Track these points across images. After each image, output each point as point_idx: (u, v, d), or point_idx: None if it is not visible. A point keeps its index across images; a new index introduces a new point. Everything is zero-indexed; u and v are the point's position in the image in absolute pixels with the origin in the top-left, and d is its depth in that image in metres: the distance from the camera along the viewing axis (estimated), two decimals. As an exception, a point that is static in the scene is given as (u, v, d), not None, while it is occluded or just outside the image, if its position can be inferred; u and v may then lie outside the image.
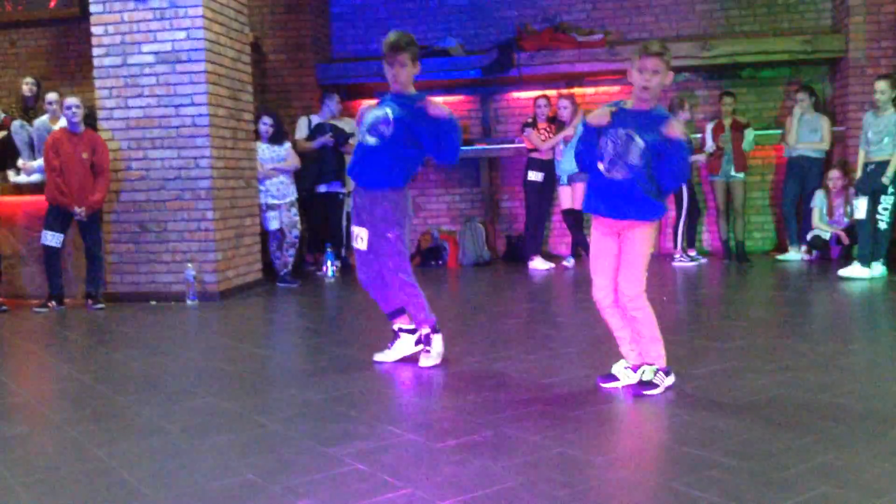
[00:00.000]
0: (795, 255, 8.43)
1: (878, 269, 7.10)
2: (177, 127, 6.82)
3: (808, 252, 8.40)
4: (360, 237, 4.27)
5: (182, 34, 6.76)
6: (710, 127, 8.55)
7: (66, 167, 6.50)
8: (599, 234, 3.75)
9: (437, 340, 4.34)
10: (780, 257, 8.56)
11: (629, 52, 8.85)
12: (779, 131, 8.85)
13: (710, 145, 8.46)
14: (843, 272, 7.12)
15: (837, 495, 2.50)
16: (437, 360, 4.31)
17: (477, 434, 3.16)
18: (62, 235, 6.65)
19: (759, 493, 2.54)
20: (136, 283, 6.97)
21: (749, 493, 2.55)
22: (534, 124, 8.55)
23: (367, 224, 4.27)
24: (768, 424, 3.19)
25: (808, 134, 8.28)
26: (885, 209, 7.17)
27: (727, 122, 8.45)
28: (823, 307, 6.25)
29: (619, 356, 3.86)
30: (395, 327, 4.49)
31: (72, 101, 6.61)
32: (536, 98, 8.69)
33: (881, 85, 7.19)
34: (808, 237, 8.37)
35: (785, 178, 8.62)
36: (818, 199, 8.22)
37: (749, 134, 8.44)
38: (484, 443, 3.07)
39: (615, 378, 3.79)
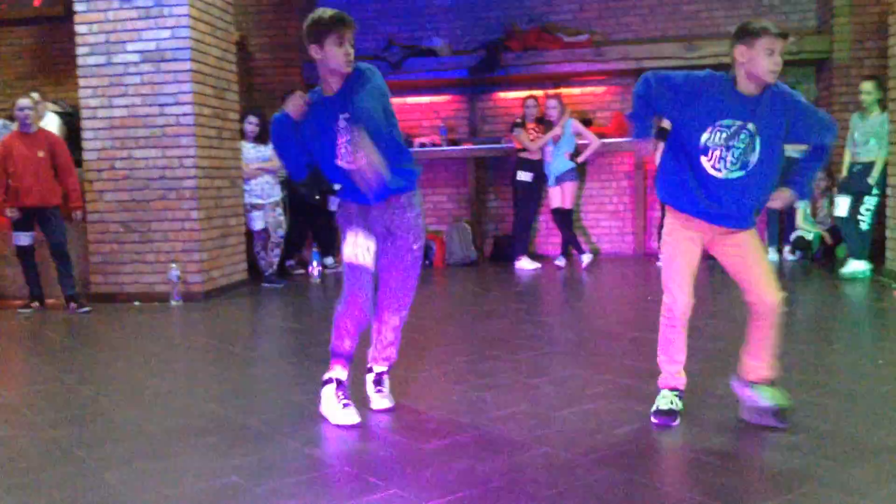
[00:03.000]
0: (773, 255, 8.46)
1: (861, 266, 7.14)
2: (161, 126, 6.78)
3: (792, 252, 8.43)
4: (369, 248, 3.32)
5: (167, 33, 6.72)
6: None
7: (24, 168, 6.43)
8: (689, 239, 3.22)
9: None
10: None
11: (615, 52, 8.96)
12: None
13: None
14: (844, 272, 7.14)
15: (820, 495, 2.51)
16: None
17: (462, 434, 3.16)
18: (32, 233, 6.61)
19: (743, 492, 2.55)
20: (119, 283, 6.92)
21: (732, 491, 2.56)
22: (523, 124, 8.55)
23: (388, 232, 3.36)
24: (751, 423, 3.19)
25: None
26: (868, 210, 7.21)
27: None
28: (806, 307, 6.28)
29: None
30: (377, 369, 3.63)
31: (23, 102, 6.55)
32: (525, 98, 8.70)
33: (867, 86, 7.23)
34: (791, 237, 8.40)
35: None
36: (800, 200, 8.26)
37: None
38: (469, 443, 3.06)
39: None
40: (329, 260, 8.64)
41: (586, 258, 8.36)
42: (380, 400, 3.56)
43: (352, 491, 2.64)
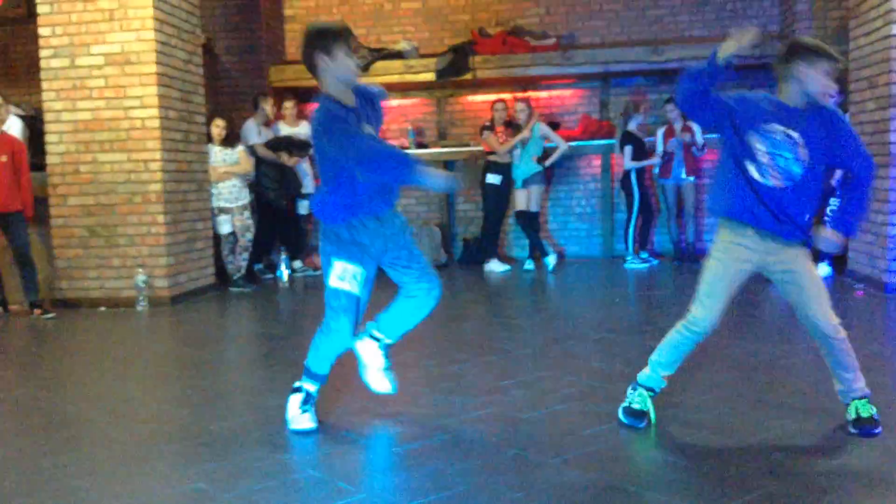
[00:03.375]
0: None
1: (823, 269, 7.26)
2: (127, 129, 6.71)
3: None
4: (356, 276, 3.27)
5: (132, 35, 6.65)
6: (660, 132, 8.65)
7: None
8: (740, 262, 3.16)
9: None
10: None
11: (582, 56, 9.02)
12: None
13: (660, 150, 8.56)
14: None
15: (786, 493, 2.55)
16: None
17: (432, 438, 3.16)
18: None
19: (711, 492, 2.58)
20: (84, 288, 6.84)
21: (700, 492, 2.59)
22: (492, 128, 8.58)
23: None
24: (718, 423, 3.24)
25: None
26: (833, 210, 7.32)
27: (678, 126, 8.56)
28: (771, 308, 6.36)
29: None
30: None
31: None
32: (494, 102, 8.73)
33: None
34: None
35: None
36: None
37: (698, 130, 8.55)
38: (439, 446, 3.07)
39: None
40: (298, 263, 8.60)
41: (552, 260, 8.40)
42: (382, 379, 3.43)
43: (322, 496, 2.64)
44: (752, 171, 3.05)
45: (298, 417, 3.32)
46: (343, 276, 3.23)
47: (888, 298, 6.09)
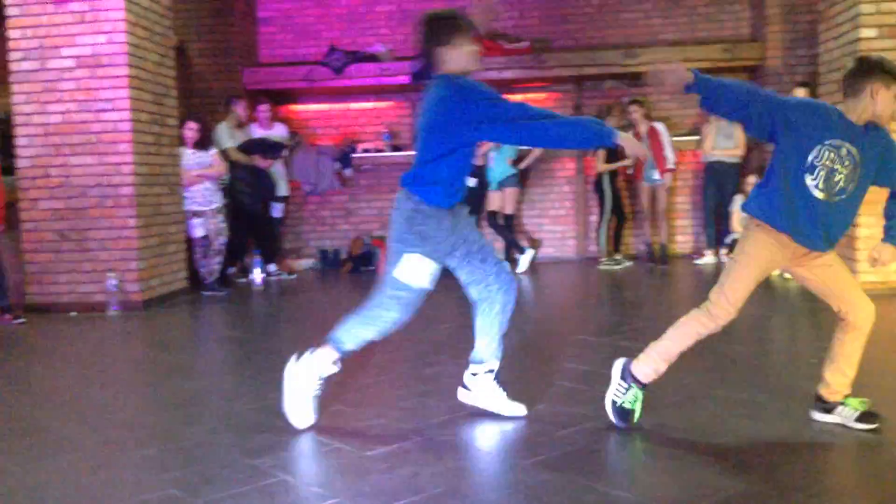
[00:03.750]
0: (711, 258, 8.64)
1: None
2: (98, 133, 6.65)
3: (728, 254, 8.61)
4: (432, 272, 3.31)
5: (103, 38, 6.59)
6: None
7: None
8: (771, 261, 3.17)
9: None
10: (697, 261, 8.75)
11: (555, 59, 9.06)
12: (697, 137, 9.06)
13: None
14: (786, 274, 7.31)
15: (757, 492, 2.57)
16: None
17: (405, 441, 3.16)
18: None
19: (682, 492, 2.60)
20: (55, 293, 6.75)
21: (671, 492, 2.61)
22: (467, 130, 8.58)
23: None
24: (690, 423, 3.26)
25: (723, 140, 8.51)
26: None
27: (643, 128, 8.60)
28: (742, 308, 6.41)
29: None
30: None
31: None
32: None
33: (800, 92, 7.43)
34: (728, 240, 8.59)
35: (704, 184, 8.86)
36: (736, 204, 8.45)
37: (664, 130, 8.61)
38: (412, 449, 3.07)
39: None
40: (272, 267, 8.56)
41: (525, 259, 8.41)
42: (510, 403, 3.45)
43: (294, 501, 2.62)
44: (808, 181, 3.02)
45: (305, 400, 3.27)
46: (414, 269, 3.21)
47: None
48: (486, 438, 3.17)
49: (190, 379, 4.51)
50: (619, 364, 3.30)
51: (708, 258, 8.66)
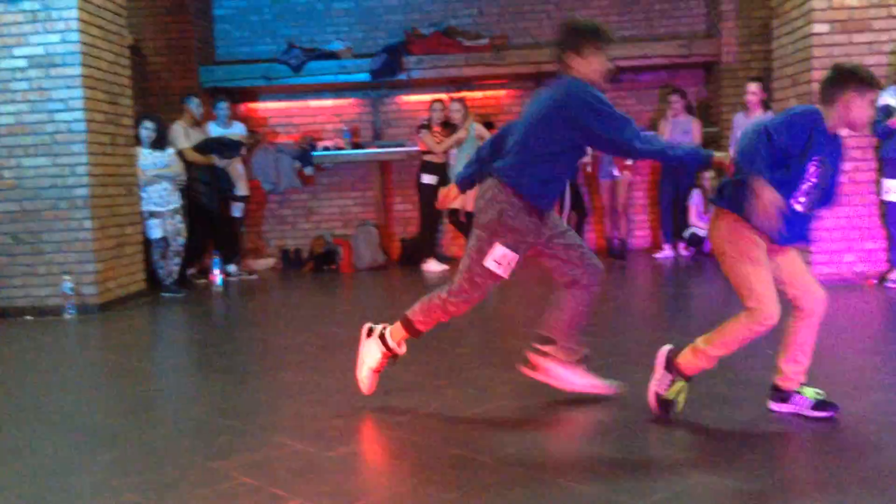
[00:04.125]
0: (669, 252, 8.73)
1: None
2: (52, 133, 6.53)
3: (687, 248, 8.71)
4: (510, 263, 3.42)
5: (56, 37, 6.47)
6: None
7: None
8: (760, 247, 3.14)
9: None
10: (655, 255, 8.83)
11: (514, 56, 9.08)
12: (654, 133, 9.16)
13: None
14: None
15: (710, 483, 2.61)
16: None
17: (368, 440, 3.16)
18: None
19: (638, 485, 2.62)
20: (9, 297, 6.62)
21: (628, 485, 2.64)
22: (428, 127, 8.60)
23: None
24: (643, 418, 3.29)
25: (679, 135, 8.60)
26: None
27: None
28: (698, 301, 6.51)
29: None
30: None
31: None
32: (431, 101, 8.74)
33: (752, 86, 7.56)
34: (686, 234, 8.68)
35: (661, 178, 8.94)
36: (694, 198, 8.55)
37: None
38: (375, 448, 3.06)
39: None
40: (233, 267, 8.49)
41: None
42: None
43: (255, 503, 2.60)
44: (795, 204, 3.08)
45: (370, 372, 3.51)
46: (502, 261, 3.34)
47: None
48: (450, 436, 3.17)
49: (149, 382, 4.45)
50: (662, 354, 3.32)
51: (666, 252, 8.75)
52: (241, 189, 8.74)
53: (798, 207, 3.10)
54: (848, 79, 3.08)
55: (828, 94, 3.10)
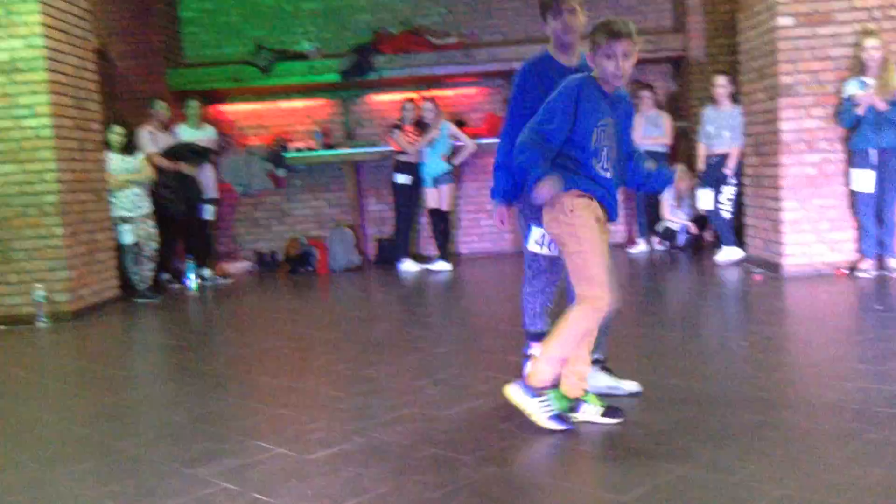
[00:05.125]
0: (643, 246, 8.78)
1: (735, 252, 7.50)
2: (18, 140, 6.44)
3: (661, 242, 8.77)
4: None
5: (19, 42, 6.38)
6: None
7: None
8: (598, 230, 3.12)
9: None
10: (629, 250, 8.87)
11: (484, 54, 9.10)
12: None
13: None
14: (718, 259, 7.50)
15: (693, 476, 2.63)
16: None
17: (347, 442, 3.14)
18: None
19: (621, 480, 2.64)
20: (-21, 307, 6.54)
21: (612, 479, 2.65)
22: (400, 127, 8.59)
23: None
24: (630, 411, 3.31)
25: (650, 129, 8.66)
26: (728, 199, 7.61)
27: None
28: (675, 295, 6.57)
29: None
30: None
31: None
32: (403, 101, 8.73)
33: (720, 80, 7.63)
34: (660, 229, 8.74)
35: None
36: (666, 192, 8.60)
37: None
38: (355, 451, 3.05)
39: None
40: (206, 272, 8.42)
41: (440, 265, 8.44)
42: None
43: (236, 508, 2.59)
44: (597, 167, 3.10)
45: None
46: (542, 241, 3.44)
47: (786, 281, 6.36)
48: (429, 435, 3.17)
49: (124, 389, 4.41)
50: (516, 392, 3.20)
51: (640, 246, 8.80)
52: (211, 192, 8.67)
53: (607, 175, 3.12)
54: (592, 32, 3.10)
55: (591, 54, 3.09)
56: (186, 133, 8.45)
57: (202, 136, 8.51)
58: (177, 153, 8.16)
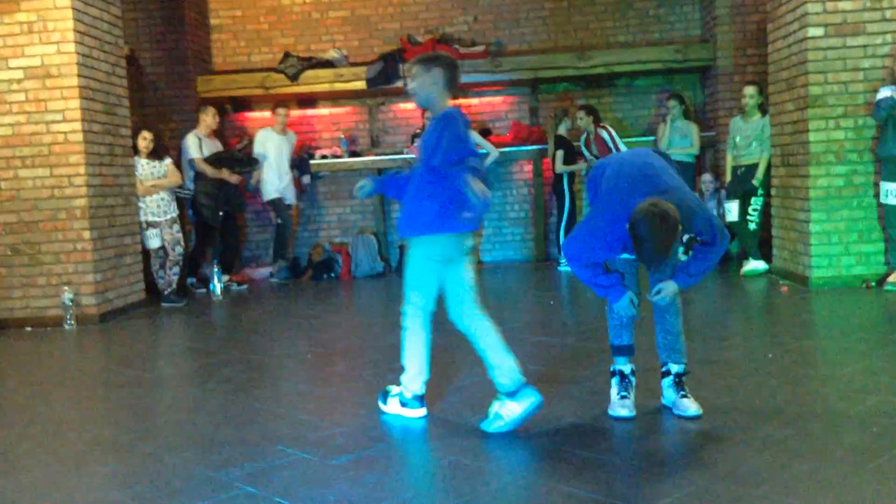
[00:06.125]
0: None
1: (758, 264, 7.44)
2: (49, 144, 6.54)
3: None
4: None
5: (52, 48, 6.48)
6: (582, 139, 8.65)
7: None
8: None
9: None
10: None
11: (510, 63, 9.10)
12: (652, 138, 9.17)
13: (589, 158, 8.56)
14: (743, 270, 7.44)
15: (715, 487, 2.61)
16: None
17: (370, 448, 3.15)
18: None
19: (642, 490, 2.63)
20: (9, 308, 6.62)
21: (632, 489, 2.64)
22: (424, 135, 8.60)
23: None
24: (649, 422, 3.30)
25: (678, 140, 8.61)
26: (756, 210, 7.54)
27: (591, 131, 8.61)
28: (700, 305, 6.51)
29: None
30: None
31: None
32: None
33: (749, 90, 7.56)
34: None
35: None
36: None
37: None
38: (378, 457, 3.06)
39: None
40: (224, 277, 8.36)
41: None
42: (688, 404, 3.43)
43: (258, 512, 2.60)
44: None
45: (615, 404, 3.43)
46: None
47: (812, 294, 6.29)
48: (451, 442, 3.17)
49: (149, 392, 4.45)
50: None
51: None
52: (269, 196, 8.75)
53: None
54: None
55: None
56: (272, 138, 8.60)
57: (285, 141, 8.65)
58: (220, 162, 8.24)
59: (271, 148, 8.67)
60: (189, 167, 8.18)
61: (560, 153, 8.57)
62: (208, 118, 8.30)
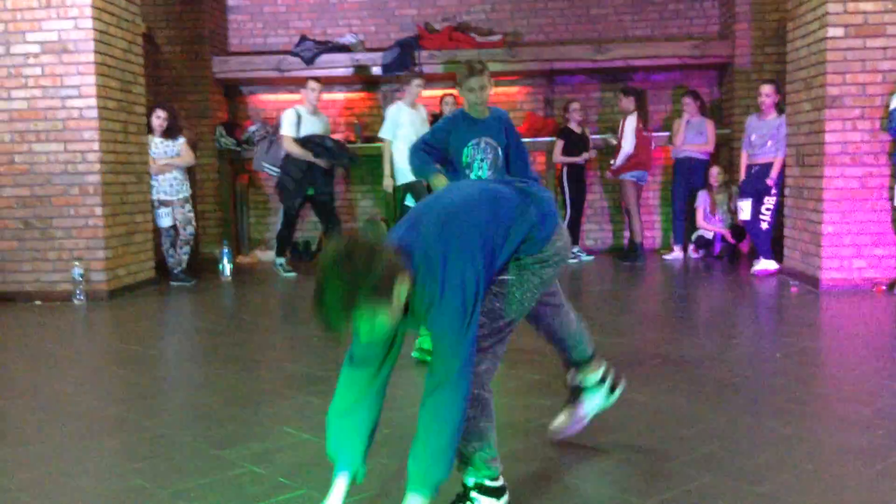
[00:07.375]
0: (677, 253, 8.69)
1: (769, 264, 7.41)
2: (63, 119, 6.55)
3: (696, 250, 8.68)
4: None
5: (69, 23, 6.49)
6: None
7: None
8: None
9: None
10: (665, 256, 8.79)
11: (527, 53, 9.08)
12: (667, 133, 9.12)
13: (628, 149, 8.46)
14: (754, 269, 7.39)
15: (720, 484, 2.61)
16: None
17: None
18: None
19: (647, 485, 2.63)
20: (19, 282, 6.65)
21: (637, 484, 2.64)
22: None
23: None
24: (655, 417, 3.29)
25: (693, 136, 8.56)
26: (768, 209, 7.50)
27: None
28: (709, 303, 6.50)
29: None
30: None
31: None
32: (443, 96, 8.72)
33: (766, 88, 7.49)
34: (694, 237, 8.66)
35: (673, 179, 8.88)
36: (701, 200, 8.51)
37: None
38: (382, 441, 3.05)
39: None
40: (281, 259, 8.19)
41: None
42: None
43: (260, 492, 2.61)
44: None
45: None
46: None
47: (822, 295, 6.26)
48: (455, 430, 3.17)
49: (156, 369, 4.47)
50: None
51: (676, 254, 8.71)
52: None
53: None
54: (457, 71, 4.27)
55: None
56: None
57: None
58: (310, 145, 7.83)
59: (405, 123, 7.66)
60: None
61: (560, 143, 8.54)
62: (308, 92, 7.87)
